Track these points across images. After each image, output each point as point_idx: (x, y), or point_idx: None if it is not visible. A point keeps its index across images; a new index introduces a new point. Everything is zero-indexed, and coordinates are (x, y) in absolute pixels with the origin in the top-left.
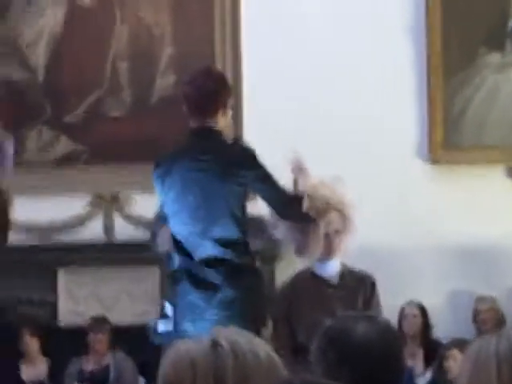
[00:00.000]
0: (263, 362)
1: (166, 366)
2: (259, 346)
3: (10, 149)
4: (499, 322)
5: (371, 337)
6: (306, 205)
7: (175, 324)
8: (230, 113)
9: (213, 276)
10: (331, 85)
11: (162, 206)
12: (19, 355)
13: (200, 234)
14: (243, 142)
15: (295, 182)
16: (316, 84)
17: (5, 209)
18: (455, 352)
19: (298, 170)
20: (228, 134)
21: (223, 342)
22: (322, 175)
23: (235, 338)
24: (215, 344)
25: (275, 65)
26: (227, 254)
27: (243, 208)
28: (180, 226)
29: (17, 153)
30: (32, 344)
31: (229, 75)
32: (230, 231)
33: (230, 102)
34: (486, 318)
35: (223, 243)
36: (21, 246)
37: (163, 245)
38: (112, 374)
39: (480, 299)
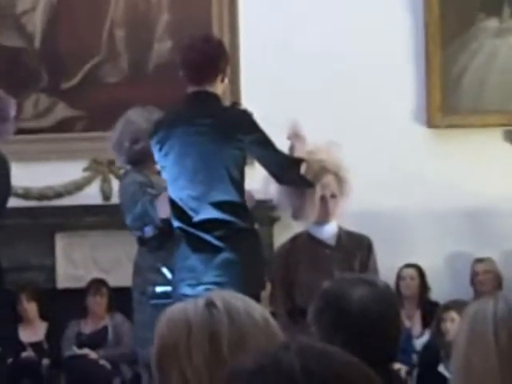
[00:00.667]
0: (259, 323)
1: (162, 326)
2: (255, 309)
3: (12, 110)
4: (497, 283)
5: (367, 302)
6: (303, 169)
7: (174, 287)
8: (227, 80)
9: (212, 238)
10: (329, 51)
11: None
12: (18, 319)
13: (199, 197)
14: (241, 106)
15: (292, 148)
16: (313, 50)
17: (6, 173)
18: (453, 313)
19: (295, 136)
20: (225, 100)
21: (218, 303)
22: (320, 140)
23: (230, 299)
24: (210, 305)
25: (272, 31)
26: (226, 217)
27: (242, 172)
28: (179, 191)
29: (18, 117)
30: (30, 308)
31: (226, 41)
32: (228, 194)
33: (228, 69)
34: (484, 279)
35: (222, 206)
36: (18, 210)
37: (163, 210)
38: (110, 337)
39: (478, 261)
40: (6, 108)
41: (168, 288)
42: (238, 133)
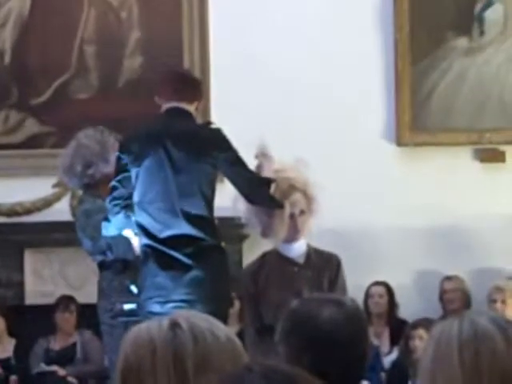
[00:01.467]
0: (223, 344)
1: (126, 347)
2: (219, 329)
3: None
4: (465, 301)
5: (336, 323)
6: (273, 189)
7: (141, 306)
8: (198, 113)
9: (181, 256)
10: (298, 69)
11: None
12: None
13: (169, 210)
14: (215, 125)
15: (259, 167)
16: (283, 68)
17: None
18: (421, 331)
19: (263, 155)
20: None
21: (183, 324)
22: (290, 157)
23: (195, 320)
24: (174, 325)
25: (243, 49)
26: (196, 233)
27: (213, 189)
28: (148, 204)
29: None
30: None
31: (196, 59)
32: (198, 209)
33: (201, 104)
34: (452, 297)
35: (191, 221)
36: None
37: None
38: (79, 353)
39: (447, 278)
40: None
41: (134, 305)
42: (211, 150)
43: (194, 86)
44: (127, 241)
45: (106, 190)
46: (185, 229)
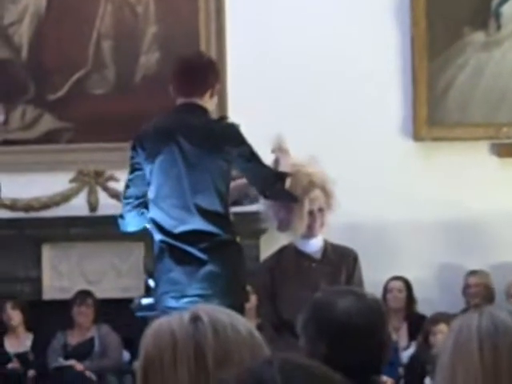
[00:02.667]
0: (244, 337)
1: (147, 340)
2: (240, 322)
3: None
4: (489, 296)
5: (352, 313)
6: (288, 183)
7: (157, 300)
8: (215, 98)
9: (196, 251)
10: (316, 65)
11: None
12: (3, 330)
13: (183, 206)
14: (229, 119)
15: (276, 162)
16: (300, 64)
17: None
18: (442, 326)
19: (279, 149)
20: (212, 114)
21: (204, 317)
22: (306, 152)
23: (215, 313)
24: (195, 319)
25: (259, 45)
26: (210, 228)
27: (227, 184)
28: (162, 200)
29: (5, 122)
30: (14, 316)
31: (213, 54)
32: (213, 204)
33: (218, 86)
34: (475, 292)
35: (206, 216)
36: (5, 221)
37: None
38: (96, 348)
39: (471, 273)
40: None
41: (153, 300)
42: (225, 145)
43: (204, 77)
44: None
45: None
46: (199, 224)
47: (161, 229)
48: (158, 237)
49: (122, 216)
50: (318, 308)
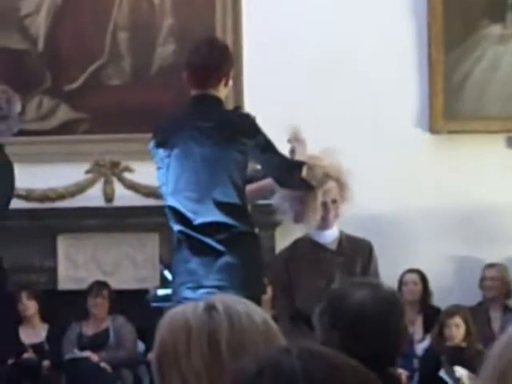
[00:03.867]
0: (259, 326)
1: (162, 329)
2: (255, 312)
3: (17, 108)
4: (505, 291)
5: (366, 304)
6: (304, 173)
7: (174, 291)
8: (230, 83)
9: (213, 242)
10: (333, 56)
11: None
12: (19, 320)
13: (199, 199)
14: (244, 109)
15: (292, 152)
16: (317, 54)
17: (9, 175)
18: (457, 319)
19: (295, 139)
20: (228, 104)
21: (219, 306)
22: (323, 144)
23: (231, 302)
24: (210, 308)
25: (275, 35)
26: (227, 220)
27: (243, 175)
28: (179, 193)
29: (22, 113)
30: (30, 306)
31: (229, 45)
32: (229, 196)
33: (232, 72)
34: (490, 285)
35: (223, 208)
36: (20, 211)
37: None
38: (111, 339)
39: (489, 266)
40: (11, 105)
41: (169, 291)
42: (240, 136)
43: (218, 67)
44: None
45: None
46: (217, 216)
47: (179, 220)
48: (176, 227)
49: None
50: (334, 298)
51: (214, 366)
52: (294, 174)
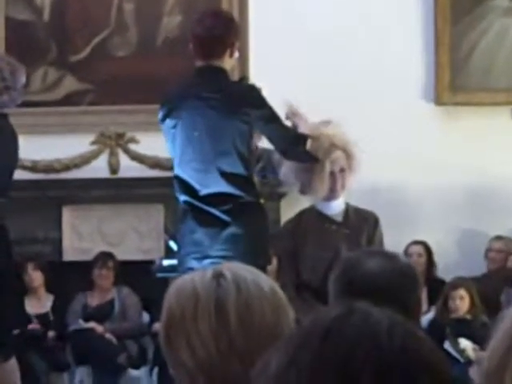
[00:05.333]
0: (266, 294)
1: (169, 296)
2: (263, 280)
3: (22, 79)
4: (507, 263)
5: (380, 273)
6: (309, 145)
7: (180, 261)
8: (236, 55)
9: (219, 213)
10: (338, 27)
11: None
12: (24, 291)
13: (205, 170)
14: (249, 81)
15: (295, 126)
16: (322, 25)
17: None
18: (462, 291)
19: (294, 115)
20: (234, 75)
21: (226, 273)
22: (328, 116)
23: (239, 270)
24: (218, 275)
25: (282, 6)
26: (233, 190)
27: (248, 146)
28: (185, 164)
29: (26, 85)
30: (35, 277)
31: (235, 15)
32: (235, 167)
33: (237, 43)
34: (494, 257)
35: (228, 179)
36: (25, 183)
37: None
38: (116, 310)
39: (496, 238)
40: (15, 77)
41: (175, 261)
42: (245, 107)
43: (222, 38)
44: None
45: None
46: (222, 187)
47: (185, 190)
48: (181, 198)
49: None
50: (348, 266)
51: (221, 333)
52: (299, 146)
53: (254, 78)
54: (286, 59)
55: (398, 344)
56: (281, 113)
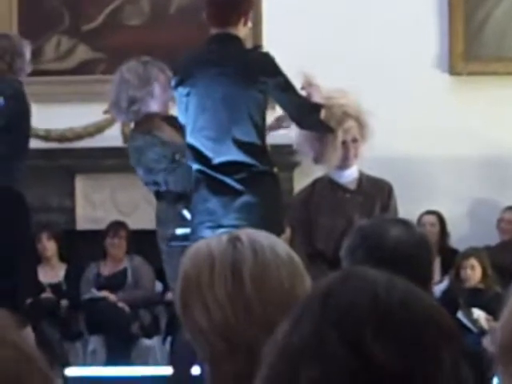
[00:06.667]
0: (283, 259)
1: (185, 262)
2: (279, 245)
3: (27, 52)
4: None
5: (403, 241)
6: (323, 115)
7: (193, 230)
8: (250, 25)
9: (232, 181)
10: None
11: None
12: (38, 260)
13: (219, 138)
14: (264, 49)
15: (309, 96)
16: None
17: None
18: (473, 261)
19: (309, 85)
20: (247, 45)
21: (243, 238)
22: (342, 86)
23: (255, 235)
24: (234, 239)
25: None
26: (246, 159)
27: (263, 115)
28: (198, 131)
29: (40, 54)
30: (49, 247)
31: None
32: (249, 136)
33: (251, 12)
34: (505, 227)
35: (242, 147)
36: (39, 151)
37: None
38: (129, 279)
39: (508, 208)
40: (21, 47)
41: (188, 230)
42: (260, 75)
43: (237, 5)
44: (187, 175)
45: (157, 124)
46: (236, 155)
47: (198, 159)
48: (194, 166)
49: None
50: (368, 234)
51: (237, 297)
52: (313, 116)
53: (267, 48)
54: (299, 29)
55: (397, 299)
56: (295, 82)
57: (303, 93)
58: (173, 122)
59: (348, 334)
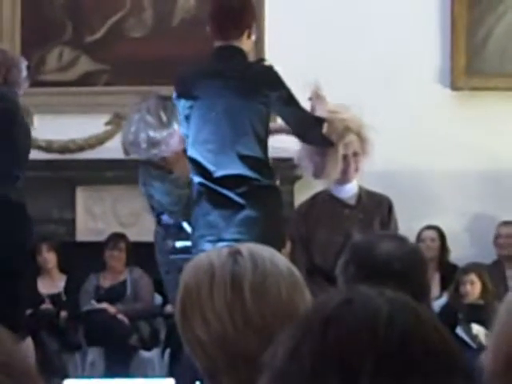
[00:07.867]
0: (282, 272)
1: (186, 274)
2: (279, 258)
3: (23, 68)
4: None
5: (393, 256)
6: (325, 129)
7: (194, 244)
8: (253, 37)
9: (234, 195)
10: (355, 9)
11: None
12: (37, 271)
13: (221, 151)
14: (267, 62)
15: (313, 109)
16: (339, 8)
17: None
18: (472, 276)
19: (316, 96)
20: (250, 57)
21: (243, 251)
22: (344, 99)
23: (255, 249)
24: (235, 252)
25: None
26: (248, 173)
27: (266, 128)
28: (200, 145)
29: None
30: (50, 258)
31: None
32: (251, 149)
33: (255, 25)
34: (503, 243)
35: (245, 161)
36: (40, 163)
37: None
38: (129, 291)
39: (503, 223)
40: (17, 62)
41: (188, 243)
42: (264, 88)
43: (240, 18)
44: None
45: (177, 165)
46: (238, 169)
47: (199, 172)
48: (196, 179)
49: None
50: (359, 249)
51: (237, 309)
52: (315, 130)
53: (269, 59)
54: (301, 43)
55: (397, 334)
56: (297, 93)
57: (309, 103)
58: None
59: (346, 367)
